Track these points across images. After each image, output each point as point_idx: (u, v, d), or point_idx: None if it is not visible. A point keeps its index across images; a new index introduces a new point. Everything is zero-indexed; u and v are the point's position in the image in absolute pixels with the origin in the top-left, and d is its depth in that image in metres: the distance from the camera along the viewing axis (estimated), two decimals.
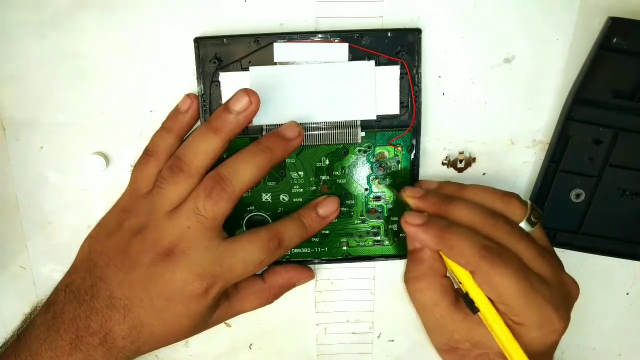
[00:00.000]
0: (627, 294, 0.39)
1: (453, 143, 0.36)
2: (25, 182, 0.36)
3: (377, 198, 0.36)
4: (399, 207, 0.36)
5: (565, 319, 0.30)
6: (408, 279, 0.32)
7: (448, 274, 0.32)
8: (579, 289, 0.32)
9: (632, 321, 0.40)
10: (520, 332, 0.29)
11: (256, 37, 0.33)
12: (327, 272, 0.38)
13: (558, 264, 0.32)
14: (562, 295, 0.31)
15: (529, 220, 0.31)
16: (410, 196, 0.32)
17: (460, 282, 0.31)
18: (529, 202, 0.32)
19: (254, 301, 0.35)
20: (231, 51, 0.33)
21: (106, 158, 0.35)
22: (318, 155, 0.35)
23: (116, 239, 0.32)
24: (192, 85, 0.34)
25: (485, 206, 0.31)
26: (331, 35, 0.33)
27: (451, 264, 0.30)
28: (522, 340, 0.29)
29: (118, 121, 0.35)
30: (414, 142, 0.35)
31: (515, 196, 0.32)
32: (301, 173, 0.35)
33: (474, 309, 0.30)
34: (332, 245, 0.36)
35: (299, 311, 0.39)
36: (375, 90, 0.33)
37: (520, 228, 0.31)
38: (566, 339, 0.31)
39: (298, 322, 0.39)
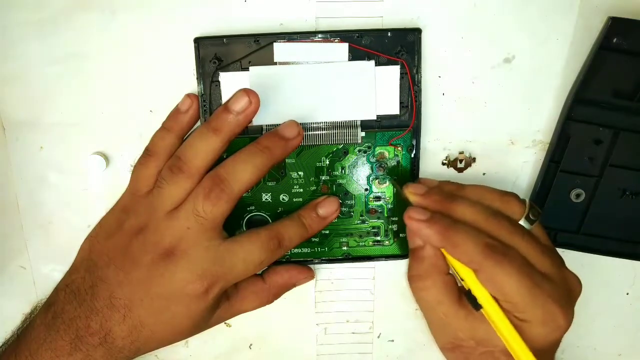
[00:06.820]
0: (627, 293, 0.39)
1: (453, 143, 0.36)
2: (25, 182, 0.36)
3: (377, 198, 0.36)
4: (399, 207, 0.36)
5: (570, 316, 0.30)
6: (411, 277, 0.32)
7: (450, 271, 0.32)
8: (581, 285, 0.32)
9: (632, 321, 0.40)
10: (524, 329, 0.30)
11: (256, 37, 0.33)
12: (327, 272, 0.38)
13: (560, 261, 0.32)
14: (566, 291, 0.31)
15: (527, 219, 0.31)
16: (412, 193, 0.32)
17: (462, 280, 0.31)
18: (527, 200, 0.32)
19: (254, 301, 0.35)
20: (231, 51, 0.33)
21: (106, 158, 0.35)
22: (318, 155, 0.35)
23: (116, 239, 0.32)
24: (192, 85, 0.34)
25: (487, 205, 0.31)
26: (331, 35, 0.33)
27: (453, 262, 0.30)
28: (527, 337, 0.29)
29: (118, 121, 0.35)
30: (414, 142, 0.34)
31: (514, 195, 0.32)
32: (301, 173, 0.35)
33: (477, 306, 0.30)
34: (332, 245, 0.36)
35: (299, 311, 0.39)
36: (375, 90, 0.33)
37: (522, 227, 0.31)
38: (566, 338, 0.31)
39: (298, 322, 0.39)
